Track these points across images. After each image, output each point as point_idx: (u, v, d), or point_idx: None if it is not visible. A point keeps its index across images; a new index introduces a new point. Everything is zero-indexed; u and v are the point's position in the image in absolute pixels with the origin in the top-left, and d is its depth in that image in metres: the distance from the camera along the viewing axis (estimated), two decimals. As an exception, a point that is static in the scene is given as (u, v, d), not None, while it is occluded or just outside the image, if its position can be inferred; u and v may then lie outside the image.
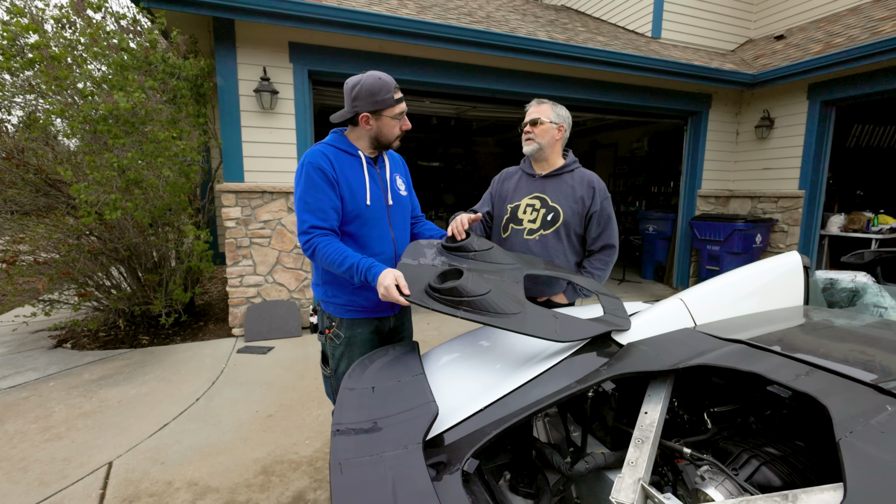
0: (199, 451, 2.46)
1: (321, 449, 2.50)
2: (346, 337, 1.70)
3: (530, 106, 2.02)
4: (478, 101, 5.31)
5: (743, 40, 6.85)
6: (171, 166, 3.57)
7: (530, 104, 2.02)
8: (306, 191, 1.54)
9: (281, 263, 4.32)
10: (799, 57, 5.22)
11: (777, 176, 5.81)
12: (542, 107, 1.98)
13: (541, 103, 1.99)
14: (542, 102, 2.00)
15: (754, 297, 1.54)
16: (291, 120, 4.18)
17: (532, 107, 2.00)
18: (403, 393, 1.20)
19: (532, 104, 2.01)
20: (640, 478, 0.92)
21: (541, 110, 1.97)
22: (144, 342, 4.09)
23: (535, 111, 1.97)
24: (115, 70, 3.44)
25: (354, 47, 4.25)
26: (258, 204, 4.16)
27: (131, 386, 3.23)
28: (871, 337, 1.32)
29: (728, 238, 5.57)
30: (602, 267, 1.99)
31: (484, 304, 1.29)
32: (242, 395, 3.12)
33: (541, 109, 1.97)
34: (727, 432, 1.21)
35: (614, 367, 1.20)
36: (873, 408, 0.87)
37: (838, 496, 0.73)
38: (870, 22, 5.05)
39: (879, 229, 5.45)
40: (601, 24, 6.74)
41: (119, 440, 2.56)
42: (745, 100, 6.12)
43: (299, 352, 3.91)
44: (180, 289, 4.07)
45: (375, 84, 1.54)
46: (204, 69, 3.95)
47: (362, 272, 1.46)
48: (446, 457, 0.98)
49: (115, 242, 3.78)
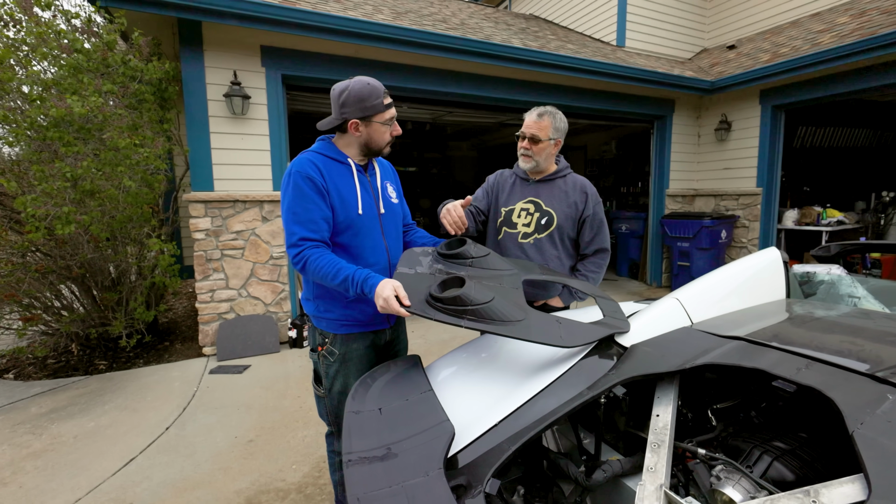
0: (172, 487, 2.22)
1: (310, 474, 2.32)
2: (341, 353, 1.61)
3: (529, 116, 1.94)
4: (453, 106, 5.32)
5: (699, 49, 7.28)
6: (133, 175, 3.30)
7: (530, 114, 1.94)
8: (294, 201, 1.46)
9: (255, 276, 4.07)
10: (750, 65, 5.58)
11: (737, 175, 6.16)
12: (543, 122, 1.90)
13: (542, 117, 1.91)
14: (544, 116, 1.91)
15: (741, 293, 1.60)
16: (265, 126, 3.99)
17: (532, 120, 1.92)
18: (414, 413, 1.14)
19: (532, 116, 1.93)
20: (661, 483, 0.90)
21: (541, 127, 1.90)
22: (102, 367, 3.73)
23: (536, 127, 1.91)
24: (68, 72, 3.16)
25: (330, 52, 4.13)
26: (230, 214, 3.92)
27: (88, 418, 2.91)
28: (854, 327, 1.38)
29: (696, 235, 5.84)
30: (596, 270, 2.01)
31: (488, 312, 1.26)
32: (218, 419, 2.87)
33: (541, 126, 1.90)
34: (732, 429, 1.21)
35: (622, 370, 1.18)
36: (875, 398, 0.88)
37: (858, 489, 0.74)
38: (809, 34, 5.47)
39: (828, 222, 5.91)
40: (569, 33, 6.93)
41: (77, 481, 2.27)
42: (705, 105, 6.48)
43: (279, 369, 3.67)
44: (143, 307, 3.76)
45: (364, 89, 1.48)
46: (169, 72, 3.71)
47: (358, 284, 1.38)
48: (465, 479, 0.94)
49: (67, 259, 3.43)
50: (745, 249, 6.16)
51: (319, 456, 2.46)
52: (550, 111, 1.93)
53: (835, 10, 5.79)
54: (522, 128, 1.94)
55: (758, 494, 0.92)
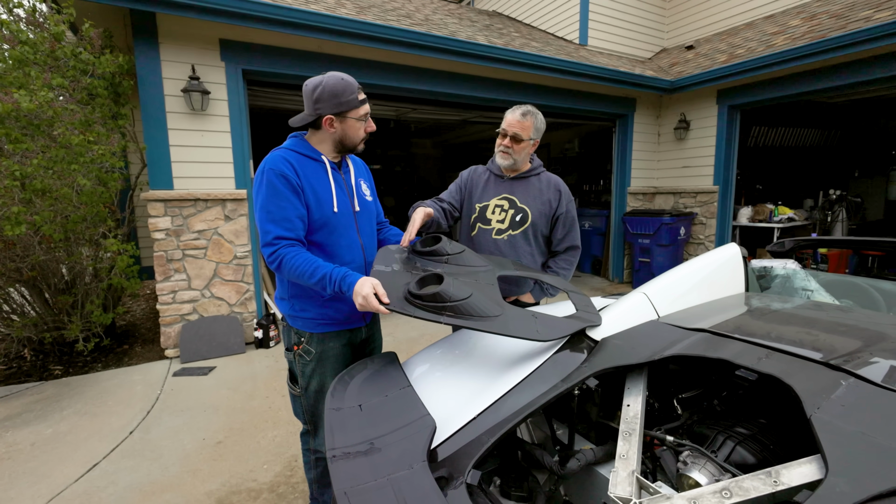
0: (139, 491, 2.21)
1: (282, 473, 2.34)
2: (318, 352, 1.62)
3: (513, 114, 1.91)
4: (418, 103, 5.31)
5: (658, 49, 7.48)
6: (87, 174, 3.17)
7: (513, 112, 1.92)
8: (269, 199, 1.44)
9: (219, 276, 4.01)
10: (708, 66, 5.77)
11: (695, 173, 6.40)
12: (526, 122, 1.89)
13: (526, 117, 1.90)
14: (528, 116, 1.90)
15: (703, 286, 1.68)
16: (226, 122, 3.90)
17: (516, 119, 1.90)
18: (394, 408, 1.16)
19: (516, 115, 1.91)
20: (633, 470, 0.94)
21: (524, 126, 1.90)
22: (57, 373, 3.61)
23: (519, 127, 1.90)
24: (14, 65, 2.99)
25: (292, 46, 4.06)
26: (191, 213, 3.83)
27: (46, 424, 2.83)
28: (809, 318, 1.46)
29: (657, 231, 6.03)
30: (567, 267, 2.05)
31: (467, 308, 1.28)
32: (185, 422, 2.85)
33: (524, 126, 1.89)
34: (697, 416, 1.27)
35: (594, 363, 1.23)
36: (830, 384, 0.95)
37: (816, 468, 0.80)
38: (764, 36, 5.71)
39: (780, 219, 6.19)
40: (533, 31, 7.02)
41: (37, 489, 2.23)
42: (665, 104, 6.67)
43: (245, 370, 3.65)
44: (99, 309, 3.64)
45: (338, 85, 1.47)
46: (122, 66, 3.56)
47: (336, 282, 1.38)
48: (447, 471, 0.97)
49: (16, 262, 3.29)
50: (702, 246, 6.41)
51: (290, 455, 2.48)
52: (533, 111, 1.93)
53: (787, 13, 6.02)
54: (504, 125, 1.92)
55: (722, 477, 0.97)
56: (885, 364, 1.02)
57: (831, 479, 0.74)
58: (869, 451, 0.78)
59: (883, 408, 0.87)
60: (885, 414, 0.86)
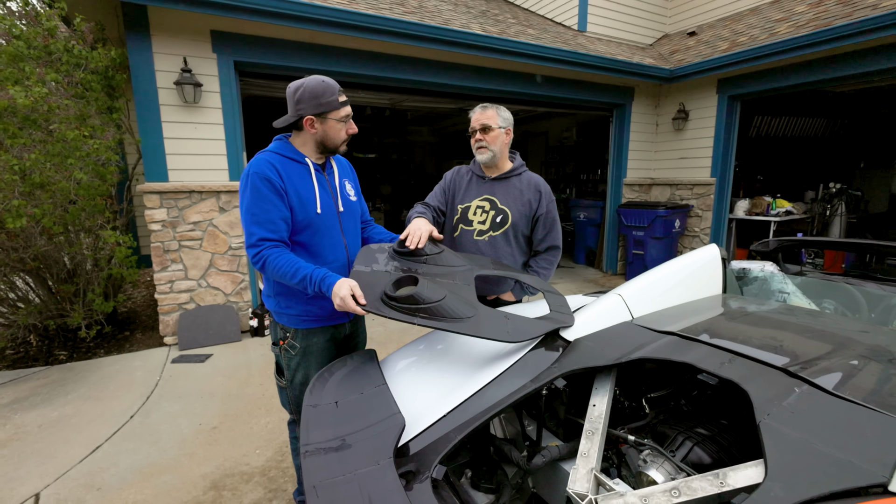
0: (139, 473, 2.35)
1: (273, 458, 2.47)
2: (302, 347, 1.69)
3: (474, 112, 2.01)
4: (412, 93, 5.27)
5: (660, 35, 7.31)
6: (84, 167, 3.25)
7: (474, 111, 2.01)
8: (253, 202, 1.49)
9: (215, 266, 4.12)
10: (709, 54, 5.63)
11: (692, 165, 6.31)
12: (487, 112, 1.98)
13: (485, 108, 1.99)
14: (487, 108, 1.99)
15: (681, 288, 1.71)
16: (219, 114, 3.94)
17: (477, 113, 1.99)
18: (368, 406, 1.21)
19: (476, 111, 2.00)
20: (592, 467, 0.99)
21: (488, 116, 1.97)
22: (62, 358, 3.77)
23: (483, 117, 1.97)
24: (8, 61, 3.04)
25: (284, 37, 4.06)
26: (186, 205, 3.91)
27: (52, 408, 2.98)
28: (779, 322, 1.48)
29: (651, 224, 5.98)
30: (547, 266, 2.10)
31: (440, 310, 1.32)
32: (182, 407, 3.00)
33: (488, 115, 1.97)
34: (663, 416, 1.32)
35: (564, 364, 1.27)
36: (785, 391, 0.98)
37: (758, 471, 0.84)
38: (768, 23, 5.54)
39: (777, 212, 6.08)
40: (530, 16, 6.91)
41: (44, 468, 2.38)
42: (664, 93, 6.55)
43: (241, 357, 3.79)
44: (101, 298, 3.77)
45: (319, 86, 1.52)
46: (115, 60, 3.60)
47: (316, 283, 1.44)
48: (415, 465, 1.01)
49: (20, 252, 3.40)
50: (697, 239, 6.35)
51: (282, 441, 2.60)
52: (491, 104, 2.00)
53: (794, -2, 5.78)
54: (471, 124, 2.00)
55: (678, 476, 1.01)
56: (840, 372, 1.05)
57: (768, 483, 0.78)
58: (808, 458, 0.81)
59: (829, 415, 0.90)
60: (830, 421, 0.88)
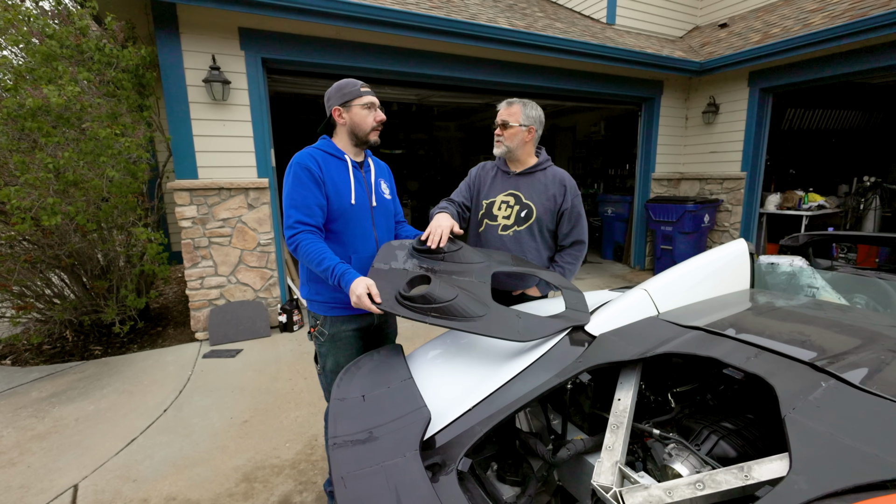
0: (173, 465, 2.38)
1: (303, 451, 2.48)
2: (330, 334, 1.74)
3: (501, 106, 2.00)
4: (438, 88, 5.24)
5: (690, 27, 7.13)
6: (116, 165, 3.30)
7: (501, 104, 2.00)
8: (293, 188, 1.61)
9: (244, 262, 4.15)
10: (741, 46, 5.47)
11: (722, 159, 6.16)
12: (512, 108, 1.96)
13: (511, 105, 1.97)
14: (513, 104, 1.98)
15: (708, 283, 1.69)
16: (247, 111, 3.97)
17: (503, 108, 1.99)
18: (394, 399, 1.22)
19: (503, 105, 1.99)
20: (617, 461, 0.99)
21: (511, 112, 1.96)
22: (97, 353, 3.84)
23: (506, 114, 1.97)
24: (41, 60, 3.10)
25: (310, 34, 4.06)
26: (215, 202, 3.95)
27: (88, 401, 3.04)
28: (807, 317, 1.47)
29: (680, 219, 5.88)
30: (572, 261, 2.07)
31: (451, 310, 1.36)
32: (214, 402, 3.02)
33: (511, 112, 1.96)
34: (689, 410, 1.30)
35: (589, 359, 1.27)
36: (811, 385, 0.97)
37: (783, 465, 0.83)
38: (802, 13, 5.37)
39: (809, 206, 5.90)
40: (558, 9, 6.79)
41: (82, 460, 2.42)
42: (694, 86, 6.40)
43: (270, 353, 3.81)
44: (133, 294, 3.84)
45: (342, 81, 1.70)
46: (145, 58, 3.64)
47: (336, 277, 1.51)
48: (441, 458, 1.02)
49: (55, 249, 3.48)
50: (727, 233, 6.20)
51: (311, 434, 2.61)
52: (520, 100, 2.00)
53: (829, -12, 5.60)
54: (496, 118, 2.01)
55: (703, 469, 1.01)
56: (868, 366, 1.03)
57: (792, 476, 0.78)
58: (833, 451, 0.80)
59: (855, 409, 0.89)
60: (856, 415, 0.88)
